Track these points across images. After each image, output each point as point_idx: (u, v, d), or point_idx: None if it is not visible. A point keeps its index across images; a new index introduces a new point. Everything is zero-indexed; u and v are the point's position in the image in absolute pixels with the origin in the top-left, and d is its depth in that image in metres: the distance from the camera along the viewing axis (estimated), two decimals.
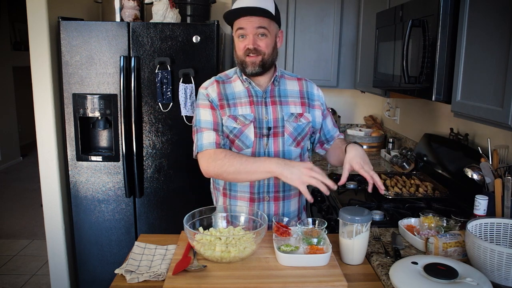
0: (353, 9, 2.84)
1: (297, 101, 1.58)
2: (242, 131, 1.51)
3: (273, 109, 1.54)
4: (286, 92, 1.58)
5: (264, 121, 1.52)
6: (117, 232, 2.51)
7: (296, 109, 1.57)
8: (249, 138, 1.51)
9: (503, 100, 1.18)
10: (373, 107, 3.37)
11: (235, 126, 1.51)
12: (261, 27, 1.43)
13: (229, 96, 1.54)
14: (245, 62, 1.47)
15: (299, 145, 1.57)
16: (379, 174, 2.19)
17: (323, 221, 1.37)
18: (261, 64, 1.47)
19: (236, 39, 1.48)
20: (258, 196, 1.55)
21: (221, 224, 1.44)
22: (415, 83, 1.67)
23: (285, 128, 1.54)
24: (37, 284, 3.03)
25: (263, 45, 1.45)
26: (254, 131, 1.51)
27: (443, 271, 1.10)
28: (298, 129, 1.55)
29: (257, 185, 1.54)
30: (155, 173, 2.47)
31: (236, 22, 1.45)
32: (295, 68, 2.90)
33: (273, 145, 1.53)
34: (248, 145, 1.51)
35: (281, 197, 1.57)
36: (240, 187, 1.55)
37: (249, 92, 1.54)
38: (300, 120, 1.56)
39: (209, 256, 1.25)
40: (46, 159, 2.48)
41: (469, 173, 1.56)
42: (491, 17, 1.26)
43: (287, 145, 1.54)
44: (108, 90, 2.38)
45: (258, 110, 1.53)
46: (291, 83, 1.61)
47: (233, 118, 1.51)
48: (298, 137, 1.56)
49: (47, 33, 2.34)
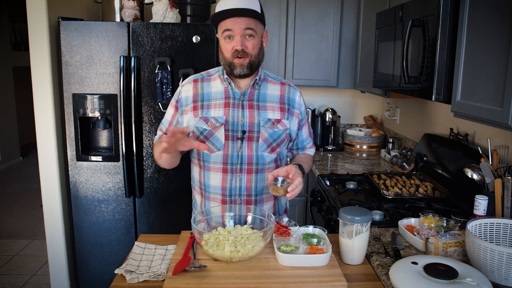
0: (353, 9, 2.84)
1: (275, 107, 1.56)
2: (212, 133, 1.51)
3: (250, 113, 1.52)
4: (266, 97, 1.56)
5: (239, 124, 1.51)
6: (117, 232, 2.51)
7: (274, 114, 1.55)
8: (219, 141, 1.51)
9: (503, 100, 1.18)
10: (373, 107, 3.37)
11: (205, 127, 1.51)
12: (248, 28, 1.42)
13: (205, 96, 1.54)
14: (233, 64, 1.46)
15: (274, 151, 1.56)
16: (379, 174, 2.20)
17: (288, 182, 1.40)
18: (248, 66, 1.46)
19: (223, 41, 1.47)
20: (230, 198, 1.55)
21: (228, 224, 1.44)
22: (415, 83, 1.67)
23: (260, 133, 1.52)
24: (37, 284, 3.03)
25: (250, 46, 1.45)
26: (225, 134, 1.51)
27: (443, 271, 1.10)
28: (274, 135, 1.54)
29: (229, 187, 1.54)
30: (155, 173, 2.47)
31: (222, 24, 1.44)
32: (295, 68, 2.90)
33: (246, 149, 1.52)
34: (219, 147, 1.52)
35: (253, 200, 1.57)
36: (213, 188, 1.56)
37: (227, 93, 1.53)
38: (277, 127, 1.54)
39: (219, 256, 1.25)
40: (46, 159, 2.48)
41: (469, 173, 1.56)
42: (491, 17, 1.26)
43: (261, 150, 1.53)
44: (108, 90, 2.38)
45: (234, 112, 1.52)
46: (273, 87, 1.58)
47: (204, 120, 1.52)
48: (273, 143, 1.55)
49: (47, 33, 2.34)
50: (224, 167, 1.53)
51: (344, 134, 3.14)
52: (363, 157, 2.94)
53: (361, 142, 3.02)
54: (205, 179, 1.57)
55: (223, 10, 1.41)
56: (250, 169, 1.53)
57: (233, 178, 1.53)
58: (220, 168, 1.53)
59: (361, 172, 2.45)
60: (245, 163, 1.53)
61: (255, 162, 1.53)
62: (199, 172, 1.59)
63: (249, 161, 1.53)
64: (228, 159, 1.52)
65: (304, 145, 1.70)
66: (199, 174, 1.59)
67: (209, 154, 1.53)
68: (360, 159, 2.90)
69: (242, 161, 1.52)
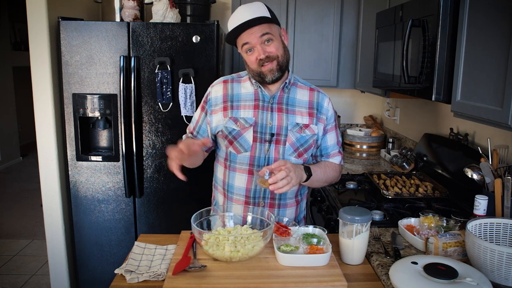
0: (353, 9, 2.84)
1: (304, 112, 1.55)
2: (240, 133, 1.51)
3: (279, 116, 1.52)
4: (295, 101, 1.55)
5: (268, 126, 1.51)
6: (117, 232, 2.51)
7: (303, 119, 1.54)
8: (247, 142, 1.51)
9: (503, 100, 1.18)
10: (373, 107, 3.37)
11: (234, 128, 1.51)
12: (264, 34, 1.42)
13: (235, 97, 1.54)
14: (262, 73, 1.46)
15: (301, 156, 1.55)
16: (379, 174, 2.20)
17: None
18: (278, 68, 1.46)
19: (245, 55, 1.47)
20: (254, 200, 1.55)
21: (228, 224, 1.44)
22: (415, 83, 1.67)
23: (288, 137, 1.52)
24: (37, 284, 3.03)
25: (274, 49, 1.44)
26: (253, 135, 1.51)
27: (443, 271, 1.10)
28: (301, 140, 1.53)
29: (253, 190, 1.54)
30: (155, 173, 2.47)
31: (239, 39, 1.45)
32: (295, 68, 2.90)
33: (274, 152, 1.52)
34: (246, 148, 1.52)
35: (276, 204, 1.56)
36: (237, 189, 1.56)
37: (256, 95, 1.54)
38: (305, 132, 1.53)
39: (219, 256, 1.25)
40: (46, 159, 2.48)
41: (469, 173, 1.56)
42: (491, 17, 1.26)
43: (288, 154, 1.53)
44: (108, 90, 2.38)
45: (263, 115, 1.52)
46: (302, 92, 1.58)
47: (233, 120, 1.52)
48: (300, 148, 1.54)
49: (47, 33, 2.34)
50: (250, 169, 1.52)
51: (344, 134, 3.14)
52: (363, 157, 2.94)
53: (361, 142, 3.02)
54: (229, 179, 1.57)
55: (235, 28, 1.41)
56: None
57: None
58: (246, 170, 1.53)
59: (361, 172, 2.45)
60: None
61: None
62: (224, 172, 1.59)
63: None
64: (255, 161, 1.52)
65: (328, 152, 1.62)
66: (223, 174, 1.59)
67: (236, 154, 1.53)
68: (360, 159, 2.90)
69: (269, 163, 1.50)
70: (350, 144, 3.07)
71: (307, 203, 1.83)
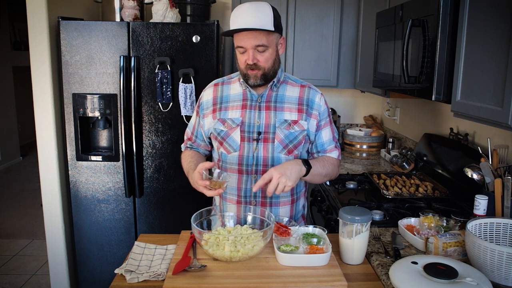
0: (353, 9, 2.84)
1: (293, 108, 1.54)
2: (228, 134, 1.53)
3: (266, 114, 1.53)
4: (284, 98, 1.56)
5: (256, 125, 1.52)
6: (117, 232, 2.51)
7: (291, 116, 1.53)
8: (235, 142, 1.53)
9: (503, 100, 1.18)
10: (373, 107, 3.37)
11: (222, 129, 1.54)
12: (259, 45, 1.42)
13: (224, 98, 1.57)
14: (247, 75, 1.48)
15: (291, 153, 1.54)
16: (379, 174, 2.20)
17: (229, 174, 1.52)
18: (262, 77, 1.47)
19: (237, 52, 1.48)
20: (245, 199, 1.56)
21: (228, 224, 1.44)
22: (415, 83, 1.67)
23: (276, 134, 1.52)
24: (37, 284, 3.03)
25: (263, 60, 1.45)
26: (240, 135, 1.52)
27: (443, 271, 1.10)
28: (290, 136, 1.53)
29: (244, 188, 1.55)
30: (155, 173, 2.47)
31: (236, 37, 1.45)
32: (295, 68, 2.90)
33: (262, 151, 1.52)
34: (235, 148, 1.53)
35: (268, 202, 1.56)
36: (229, 189, 1.57)
37: (245, 95, 1.55)
38: (293, 128, 1.53)
39: (219, 256, 1.25)
40: (46, 159, 2.48)
41: (469, 173, 1.56)
42: (491, 17, 1.26)
43: (277, 152, 1.53)
44: (108, 90, 2.38)
45: (250, 114, 1.53)
46: (292, 89, 1.58)
47: (221, 121, 1.54)
48: (289, 145, 1.53)
49: (47, 33, 2.34)
50: (240, 168, 1.53)
51: (344, 134, 3.14)
52: (363, 157, 2.94)
53: (361, 142, 3.02)
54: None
55: (233, 30, 1.41)
56: (265, 170, 1.47)
57: (248, 179, 1.54)
58: (236, 169, 1.54)
59: (361, 171, 2.45)
60: (261, 164, 1.52)
61: (271, 163, 1.52)
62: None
63: (265, 163, 1.52)
64: (243, 160, 1.53)
65: (325, 148, 1.60)
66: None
67: (226, 154, 1.55)
68: (360, 159, 2.89)
69: (258, 162, 1.52)
70: (350, 144, 3.07)
71: (308, 205, 1.82)
